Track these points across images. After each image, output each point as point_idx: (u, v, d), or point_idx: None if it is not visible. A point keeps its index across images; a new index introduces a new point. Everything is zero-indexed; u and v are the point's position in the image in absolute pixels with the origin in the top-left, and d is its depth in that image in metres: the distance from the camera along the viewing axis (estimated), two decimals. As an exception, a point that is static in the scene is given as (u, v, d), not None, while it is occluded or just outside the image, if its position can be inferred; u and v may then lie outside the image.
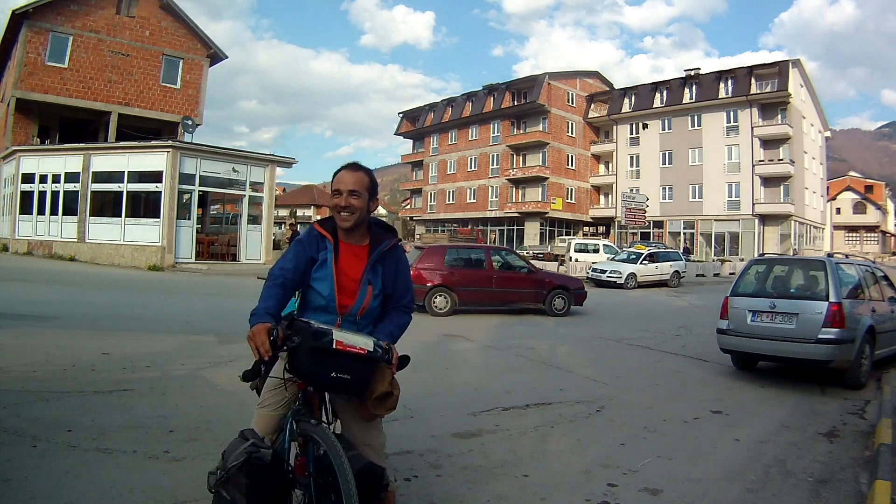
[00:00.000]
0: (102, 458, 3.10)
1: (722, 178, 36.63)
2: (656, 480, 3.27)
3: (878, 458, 3.47)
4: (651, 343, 8.22)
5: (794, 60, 36.79)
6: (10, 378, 4.41)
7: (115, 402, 4.11)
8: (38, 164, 19.04)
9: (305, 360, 1.82)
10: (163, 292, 11.66)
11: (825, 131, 45.20)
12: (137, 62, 23.12)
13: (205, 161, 17.87)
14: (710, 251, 36.57)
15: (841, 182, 65.04)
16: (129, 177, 17.49)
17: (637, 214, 28.29)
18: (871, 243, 59.04)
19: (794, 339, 5.65)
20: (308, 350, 1.80)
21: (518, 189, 42.72)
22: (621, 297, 16.22)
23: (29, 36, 20.68)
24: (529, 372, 6.06)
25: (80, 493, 2.68)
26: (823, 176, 45.49)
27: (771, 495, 3.14)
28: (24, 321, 6.98)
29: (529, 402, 4.77)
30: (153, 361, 5.41)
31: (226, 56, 26.03)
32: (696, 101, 37.95)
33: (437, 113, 49.39)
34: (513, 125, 43.18)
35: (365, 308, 2.09)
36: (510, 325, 9.69)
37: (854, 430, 4.40)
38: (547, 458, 3.59)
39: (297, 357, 1.85)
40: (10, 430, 3.37)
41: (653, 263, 20.13)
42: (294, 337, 1.83)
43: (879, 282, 6.71)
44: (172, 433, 3.56)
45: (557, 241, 34.67)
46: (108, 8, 22.42)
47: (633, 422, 4.43)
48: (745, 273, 6.67)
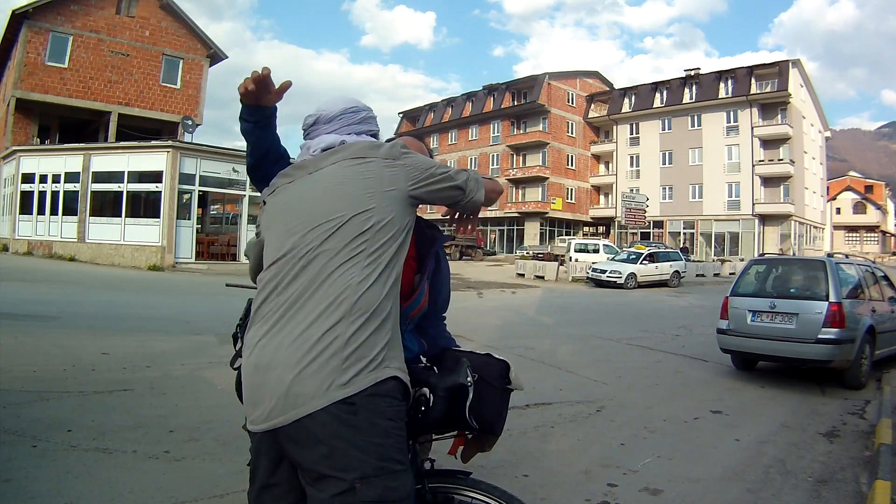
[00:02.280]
0: (102, 458, 3.10)
1: (722, 178, 36.65)
2: (656, 480, 3.27)
3: (878, 458, 3.47)
4: (651, 343, 8.21)
5: (794, 60, 36.82)
6: (10, 378, 4.40)
7: (115, 402, 4.10)
8: (38, 164, 19.05)
9: (496, 400, 1.40)
10: (163, 292, 11.66)
11: (825, 131, 45.21)
12: (137, 62, 23.14)
13: (205, 161, 17.87)
14: (710, 251, 36.57)
15: (841, 182, 65.07)
16: (129, 177, 17.50)
17: (637, 214, 28.29)
18: (871, 243, 59.04)
19: (794, 339, 5.65)
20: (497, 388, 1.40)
21: (518, 189, 42.74)
22: (621, 297, 16.21)
23: (29, 36, 20.70)
24: (529, 372, 6.05)
25: (80, 493, 2.68)
26: (823, 176, 45.51)
27: (771, 495, 3.14)
28: (24, 321, 6.97)
29: (529, 402, 4.76)
30: (153, 361, 5.40)
31: (226, 56, 26.06)
32: (696, 101, 37.98)
33: (437, 113, 49.42)
34: (513, 125, 43.20)
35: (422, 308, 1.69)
36: (510, 325, 9.69)
37: (854, 430, 4.40)
38: (547, 458, 3.58)
39: (480, 398, 1.35)
40: (10, 430, 3.37)
41: (653, 263, 20.13)
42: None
43: (879, 282, 6.70)
44: (172, 433, 3.56)
45: (557, 241, 34.72)
46: (108, 8, 22.45)
47: (633, 422, 4.43)
48: (745, 273, 6.67)
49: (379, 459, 1.11)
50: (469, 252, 33.28)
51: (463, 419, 1.31)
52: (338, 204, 1.26)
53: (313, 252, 1.22)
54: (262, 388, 1.16)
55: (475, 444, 1.48)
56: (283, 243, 1.27)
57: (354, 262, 1.20)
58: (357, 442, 1.10)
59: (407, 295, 1.58)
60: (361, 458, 1.09)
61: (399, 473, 1.14)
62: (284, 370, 1.13)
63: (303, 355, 1.13)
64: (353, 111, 1.52)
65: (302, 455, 1.14)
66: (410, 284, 1.60)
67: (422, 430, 1.32)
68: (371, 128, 1.56)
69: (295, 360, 1.13)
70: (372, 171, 1.31)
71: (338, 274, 1.19)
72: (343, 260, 1.20)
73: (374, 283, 1.20)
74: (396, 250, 1.27)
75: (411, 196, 1.33)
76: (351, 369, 1.13)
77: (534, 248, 34.64)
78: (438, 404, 1.28)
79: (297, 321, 1.16)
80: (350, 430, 1.10)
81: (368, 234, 1.23)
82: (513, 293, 16.02)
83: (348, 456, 1.10)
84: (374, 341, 1.17)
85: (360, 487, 1.09)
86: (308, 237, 1.24)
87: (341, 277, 1.18)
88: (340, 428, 1.10)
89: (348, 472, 1.09)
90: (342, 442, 1.10)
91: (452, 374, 1.31)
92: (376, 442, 1.11)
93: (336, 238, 1.22)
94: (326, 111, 1.51)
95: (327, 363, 1.12)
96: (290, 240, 1.26)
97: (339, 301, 1.16)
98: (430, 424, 1.32)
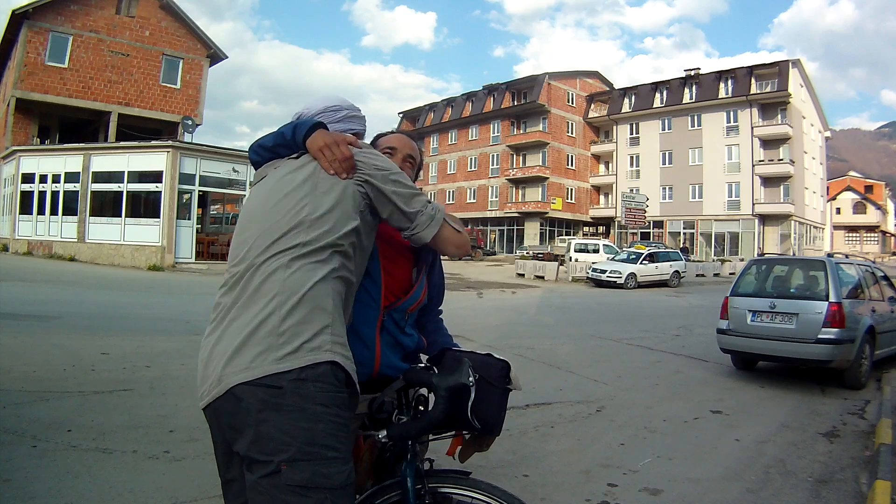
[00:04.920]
0: (102, 458, 3.10)
1: (722, 178, 36.65)
2: (656, 480, 3.27)
3: (878, 458, 3.47)
4: (651, 343, 8.21)
5: (794, 60, 36.82)
6: (10, 378, 4.40)
7: (115, 402, 4.11)
8: (38, 164, 19.04)
9: (496, 400, 1.39)
10: (163, 292, 11.66)
11: (825, 131, 45.21)
12: (137, 62, 23.13)
13: (205, 161, 17.87)
14: (710, 251, 36.57)
15: (841, 182, 65.07)
16: (129, 177, 17.49)
17: (637, 214, 28.28)
18: (871, 243, 59.05)
19: (794, 339, 5.65)
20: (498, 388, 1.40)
21: (518, 189, 42.74)
22: (621, 297, 16.21)
23: (29, 36, 20.70)
24: (529, 372, 6.05)
25: (80, 493, 2.68)
26: (823, 176, 45.50)
27: (771, 495, 3.14)
28: (24, 321, 6.97)
29: (529, 402, 4.76)
30: (153, 361, 5.40)
31: (226, 56, 26.07)
32: (696, 101, 37.97)
33: (437, 113, 49.42)
34: (513, 125, 43.20)
35: (420, 303, 1.65)
36: (510, 325, 9.69)
37: (854, 430, 4.40)
38: (547, 458, 3.58)
39: (481, 398, 1.33)
40: (10, 430, 3.37)
41: (653, 263, 20.13)
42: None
43: (879, 282, 6.70)
44: (172, 433, 3.56)
45: (557, 241, 34.73)
46: (108, 8, 22.44)
47: (633, 422, 4.43)
48: (745, 273, 6.67)
49: (306, 444, 1.09)
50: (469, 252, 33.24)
51: (464, 419, 1.29)
52: (274, 206, 1.28)
53: (255, 255, 1.24)
54: (205, 381, 1.19)
55: (473, 443, 1.47)
56: (234, 246, 1.32)
57: (291, 259, 1.21)
58: (282, 425, 1.09)
59: (406, 289, 1.58)
60: (287, 441, 1.08)
61: (333, 461, 1.11)
62: (220, 359, 1.16)
63: (237, 345, 1.15)
64: (334, 109, 1.51)
65: (237, 441, 1.14)
66: (409, 279, 1.59)
67: (423, 430, 1.31)
68: (353, 126, 1.53)
69: (231, 349, 1.15)
70: (311, 169, 1.32)
71: (275, 274, 1.20)
72: (280, 260, 1.21)
73: (305, 271, 1.20)
74: (337, 245, 1.25)
75: (358, 191, 1.31)
76: (287, 346, 1.13)
77: (534, 248, 34.63)
78: (440, 404, 1.27)
79: (236, 318, 1.19)
80: (276, 413, 1.09)
81: (301, 233, 1.23)
82: (513, 293, 16.02)
83: (274, 439, 1.09)
84: (309, 324, 1.16)
85: (285, 470, 1.07)
86: (252, 241, 1.27)
87: (276, 275, 1.20)
88: (267, 411, 1.10)
89: (275, 455, 1.08)
90: (268, 426, 1.09)
91: (454, 374, 1.30)
92: (304, 427, 1.09)
93: (272, 240, 1.23)
94: (309, 109, 1.52)
95: (261, 342, 1.13)
96: (238, 243, 1.31)
97: (273, 295, 1.18)
98: (431, 425, 1.30)
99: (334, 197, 1.28)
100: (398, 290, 1.57)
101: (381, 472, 1.50)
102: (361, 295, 1.52)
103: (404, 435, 1.32)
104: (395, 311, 1.55)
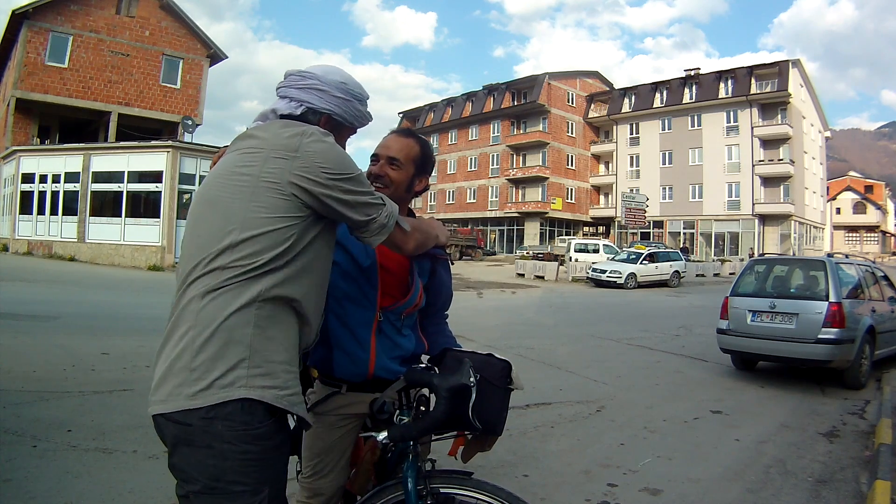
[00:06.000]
0: (102, 458, 3.10)
1: (722, 178, 36.65)
2: (656, 480, 3.27)
3: (878, 458, 3.47)
4: (651, 343, 8.22)
5: (794, 60, 36.81)
6: (10, 378, 4.40)
7: (115, 402, 4.11)
8: (38, 164, 19.04)
9: (498, 400, 1.39)
10: (163, 292, 11.64)
11: (825, 131, 45.20)
12: (137, 62, 23.13)
13: (205, 161, 17.82)
14: (710, 251, 36.57)
15: (841, 182, 65.06)
16: (129, 177, 17.49)
17: (637, 214, 28.30)
18: (871, 243, 59.04)
19: (794, 339, 5.65)
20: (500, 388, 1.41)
21: (518, 189, 42.73)
22: (621, 297, 16.22)
23: (29, 36, 20.70)
24: (529, 372, 6.05)
25: (80, 493, 2.68)
26: (823, 176, 45.51)
27: (771, 495, 3.14)
28: (24, 321, 6.97)
29: (529, 402, 4.76)
30: (153, 361, 5.39)
31: (226, 56, 26.07)
32: (696, 101, 37.96)
33: (437, 113, 49.41)
34: (513, 125, 43.20)
35: (418, 305, 1.65)
36: (510, 325, 9.69)
37: (854, 430, 4.40)
38: (547, 458, 3.58)
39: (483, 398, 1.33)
40: (10, 430, 3.37)
41: (653, 263, 20.14)
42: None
43: (879, 282, 6.70)
44: (172, 433, 3.55)
45: (557, 241, 34.72)
46: (108, 8, 22.45)
47: (633, 422, 4.43)
48: (745, 273, 6.67)
49: (212, 479, 1.12)
50: (469, 252, 33.30)
51: (466, 420, 1.28)
52: (210, 217, 1.20)
53: (187, 269, 1.19)
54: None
55: (475, 443, 1.46)
56: (183, 243, 1.27)
57: (206, 290, 1.15)
58: (191, 459, 1.13)
59: (404, 292, 1.57)
60: (195, 476, 1.13)
61: (240, 494, 1.12)
62: (153, 381, 1.18)
63: (162, 374, 1.16)
64: (300, 75, 1.34)
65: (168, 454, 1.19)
66: (404, 282, 1.59)
67: (424, 431, 1.30)
68: (308, 99, 1.32)
69: (157, 376, 1.17)
70: (251, 168, 1.19)
71: (191, 305, 1.16)
72: (196, 288, 1.16)
73: (222, 301, 1.14)
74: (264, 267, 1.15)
75: (301, 195, 1.18)
76: (199, 382, 1.12)
77: (534, 248, 34.62)
78: (441, 405, 1.26)
79: (165, 344, 1.19)
80: (187, 447, 1.13)
81: (224, 255, 1.15)
82: (513, 293, 16.02)
83: (184, 471, 1.14)
84: (221, 360, 1.12)
85: (192, 498, 1.14)
86: (187, 249, 1.22)
87: (191, 305, 1.16)
88: (180, 445, 1.13)
89: (185, 484, 1.14)
90: (179, 458, 1.14)
91: (455, 374, 1.29)
92: (210, 463, 1.12)
93: (198, 260, 1.17)
94: (287, 73, 1.38)
95: (177, 375, 1.13)
96: (185, 242, 1.26)
97: (187, 328, 1.15)
98: (432, 425, 1.29)
99: (272, 206, 1.16)
100: (397, 291, 1.57)
101: (382, 472, 1.50)
102: (357, 296, 1.52)
103: (406, 436, 1.31)
104: (391, 313, 1.55)
